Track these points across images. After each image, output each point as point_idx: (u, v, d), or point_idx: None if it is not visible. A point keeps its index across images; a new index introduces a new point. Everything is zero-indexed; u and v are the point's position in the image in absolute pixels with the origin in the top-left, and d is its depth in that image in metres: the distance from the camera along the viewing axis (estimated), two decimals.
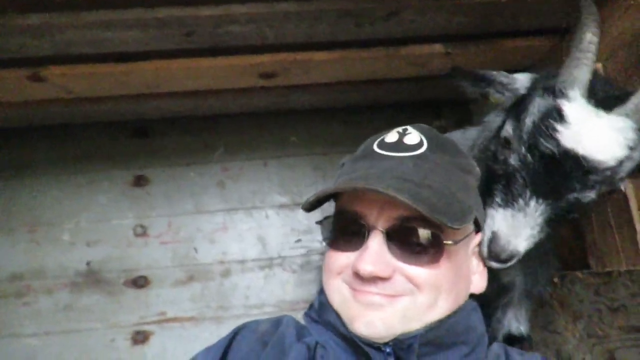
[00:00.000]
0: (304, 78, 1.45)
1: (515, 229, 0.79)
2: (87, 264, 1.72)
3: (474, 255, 0.83)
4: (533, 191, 0.79)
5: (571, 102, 0.77)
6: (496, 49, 1.36)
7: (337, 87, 1.54)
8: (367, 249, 0.72)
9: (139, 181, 1.78)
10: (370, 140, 0.84)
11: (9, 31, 1.08)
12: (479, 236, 0.84)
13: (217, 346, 0.80)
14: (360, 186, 0.71)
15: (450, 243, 0.74)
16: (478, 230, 0.84)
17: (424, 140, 0.79)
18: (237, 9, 1.10)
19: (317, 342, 0.77)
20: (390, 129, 0.83)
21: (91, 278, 1.71)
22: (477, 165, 0.84)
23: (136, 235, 1.76)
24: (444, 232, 0.73)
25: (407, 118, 1.88)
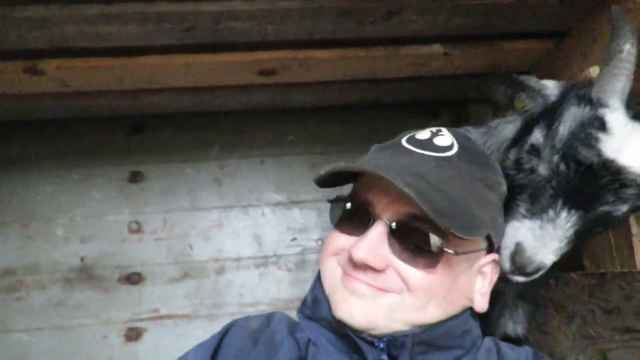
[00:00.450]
0: (303, 76, 1.45)
1: (543, 241, 0.77)
2: (81, 260, 1.71)
3: (480, 274, 0.80)
4: (565, 202, 0.76)
5: (613, 112, 0.75)
6: (494, 51, 1.37)
7: (335, 85, 1.54)
8: (366, 236, 0.72)
9: (135, 177, 1.77)
10: (402, 134, 0.84)
11: (7, 23, 1.07)
12: (491, 256, 0.80)
13: (209, 342, 0.80)
14: (370, 170, 0.69)
15: (450, 252, 0.72)
16: (490, 250, 0.81)
17: (455, 145, 0.78)
18: (239, 5, 1.10)
19: (310, 340, 0.77)
20: (423, 127, 0.83)
21: (85, 274, 1.70)
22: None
23: (131, 231, 1.75)
24: (449, 240, 0.71)
25: (405, 118, 1.89)
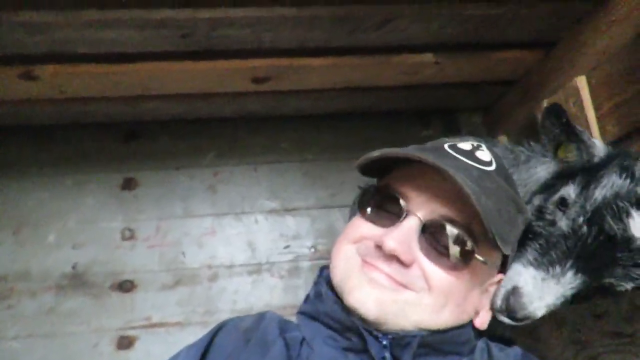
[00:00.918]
0: (297, 83, 1.47)
1: (541, 292, 0.77)
2: (73, 267, 1.70)
3: (487, 291, 0.82)
4: (574, 263, 0.76)
5: None
6: (484, 60, 1.40)
7: (328, 93, 1.56)
8: (399, 227, 0.72)
9: (128, 184, 1.77)
10: (441, 140, 0.84)
11: (4, 28, 1.08)
12: (499, 276, 0.83)
13: (200, 343, 0.80)
14: (431, 161, 0.70)
15: (480, 260, 0.74)
16: (502, 271, 0.83)
17: (494, 162, 0.80)
18: (235, 12, 1.12)
19: (303, 340, 0.77)
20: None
21: (76, 281, 1.69)
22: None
23: (124, 238, 1.74)
24: (479, 248, 0.73)
25: (397, 126, 1.91)
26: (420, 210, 0.74)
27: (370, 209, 0.79)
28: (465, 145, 0.81)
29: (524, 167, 1.08)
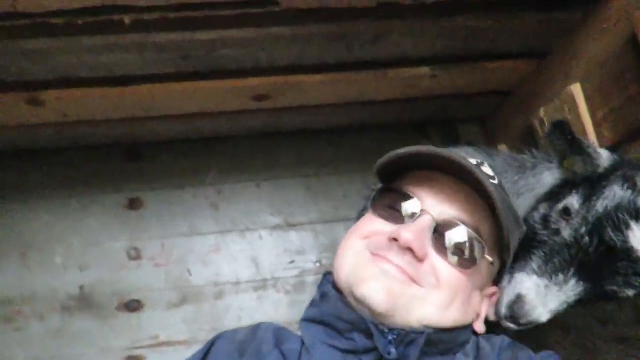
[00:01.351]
0: (296, 100, 1.50)
1: (544, 300, 0.79)
2: (80, 288, 1.71)
3: (486, 299, 0.84)
4: (577, 271, 0.78)
5: None
6: (479, 71, 1.43)
7: (327, 108, 1.58)
8: (414, 223, 0.74)
9: (133, 204, 1.79)
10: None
11: (9, 56, 1.12)
12: (494, 289, 0.86)
13: (196, 356, 0.81)
14: (457, 159, 0.73)
15: (489, 259, 0.77)
16: (496, 282, 0.87)
17: (496, 178, 0.84)
18: (232, 33, 1.15)
19: (302, 348, 0.77)
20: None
21: (83, 302, 1.70)
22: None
23: (130, 258, 1.76)
24: (487, 249, 0.76)
25: (396, 138, 1.93)
26: (434, 210, 0.76)
27: (383, 207, 0.81)
28: (473, 160, 0.84)
29: (531, 174, 1.08)
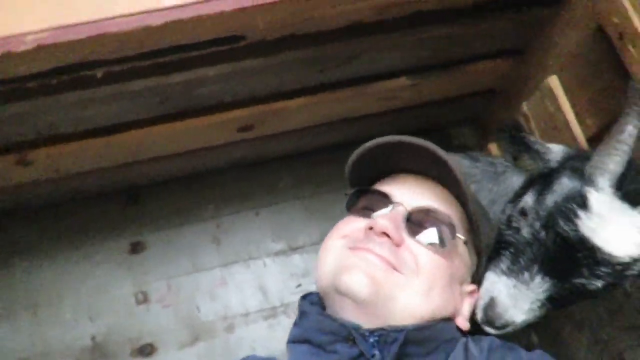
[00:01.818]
0: (281, 126, 1.51)
1: (514, 300, 0.79)
2: (92, 339, 1.71)
3: (466, 296, 0.85)
4: (540, 268, 0.78)
5: (598, 191, 0.76)
6: (460, 75, 1.43)
7: (313, 130, 1.59)
8: (387, 211, 0.78)
9: (135, 248, 1.80)
10: None
11: None
12: (473, 287, 0.87)
13: None
14: (421, 143, 0.81)
15: (461, 238, 0.81)
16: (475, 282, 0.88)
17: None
18: (206, 71, 1.16)
19: None
20: None
21: (97, 353, 1.70)
22: None
23: (138, 302, 1.76)
24: (459, 230, 0.81)
25: None
26: (406, 201, 0.80)
27: (358, 207, 0.85)
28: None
29: (502, 179, 1.10)
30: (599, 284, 0.76)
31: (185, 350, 1.71)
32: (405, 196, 0.81)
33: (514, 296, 0.79)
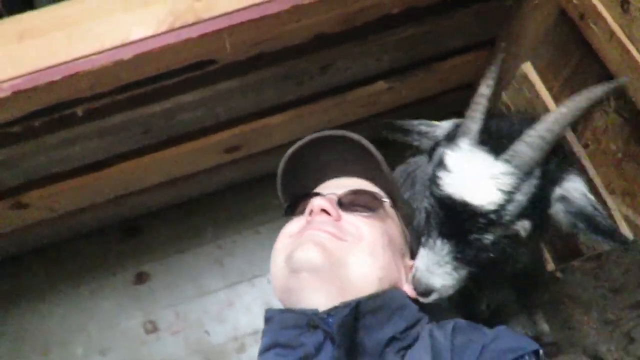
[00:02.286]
0: (268, 142, 1.52)
1: (427, 266, 0.83)
2: None
3: (406, 268, 0.90)
4: (439, 232, 0.82)
5: (456, 151, 0.81)
6: (435, 73, 1.44)
7: None
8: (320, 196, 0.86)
9: (140, 278, 1.82)
10: None
11: None
12: (413, 262, 0.90)
13: None
14: (334, 133, 0.90)
15: (386, 200, 0.90)
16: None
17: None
18: (184, 98, 1.19)
19: None
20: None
21: None
22: None
23: (147, 332, 1.77)
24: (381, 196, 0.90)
25: (382, 154, 1.93)
26: (334, 191, 0.89)
27: (296, 212, 0.91)
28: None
29: (419, 171, 1.16)
30: (490, 236, 0.78)
31: None
32: (333, 189, 0.90)
33: (427, 262, 0.82)
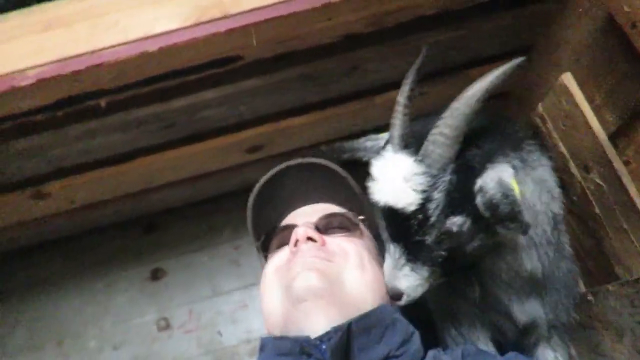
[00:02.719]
0: (291, 144, 1.49)
1: (389, 271, 0.85)
2: None
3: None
4: (390, 238, 0.85)
5: (379, 159, 0.84)
6: (467, 80, 1.37)
7: (324, 146, 1.57)
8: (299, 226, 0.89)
9: (155, 275, 1.81)
10: None
11: (5, 157, 1.17)
12: None
13: None
14: (295, 162, 0.99)
15: (361, 217, 0.94)
16: None
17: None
18: (207, 94, 1.17)
19: None
20: None
21: None
22: None
23: (159, 329, 1.76)
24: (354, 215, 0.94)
25: None
26: (308, 220, 0.92)
27: (274, 247, 0.95)
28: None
29: None
30: (428, 237, 0.80)
31: None
32: (306, 217, 0.93)
33: (388, 267, 0.85)
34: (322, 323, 0.77)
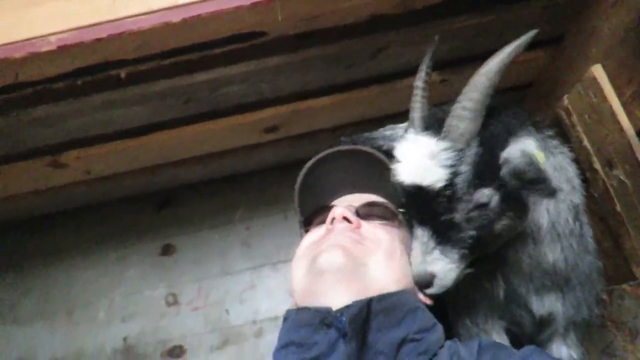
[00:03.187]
0: (308, 126, 1.48)
1: (419, 257, 0.84)
2: (124, 340, 1.73)
3: None
4: (417, 220, 0.84)
5: (402, 142, 0.85)
6: None
7: (343, 130, 1.55)
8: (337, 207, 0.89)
9: (166, 250, 1.82)
10: None
11: (23, 124, 1.17)
12: None
13: None
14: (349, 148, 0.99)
15: (401, 210, 0.92)
16: None
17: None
18: (230, 70, 1.15)
19: None
20: None
21: (128, 354, 1.72)
22: None
23: (168, 304, 1.77)
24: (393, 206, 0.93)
25: None
26: (350, 203, 0.93)
27: (314, 224, 0.94)
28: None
29: None
30: (457, 216, 0.80)
31: (214, 353, 1.70)
32: (349, 202, 0.94)
33: (417, 254, 0.84)
34: (342, 297, 0.77)
